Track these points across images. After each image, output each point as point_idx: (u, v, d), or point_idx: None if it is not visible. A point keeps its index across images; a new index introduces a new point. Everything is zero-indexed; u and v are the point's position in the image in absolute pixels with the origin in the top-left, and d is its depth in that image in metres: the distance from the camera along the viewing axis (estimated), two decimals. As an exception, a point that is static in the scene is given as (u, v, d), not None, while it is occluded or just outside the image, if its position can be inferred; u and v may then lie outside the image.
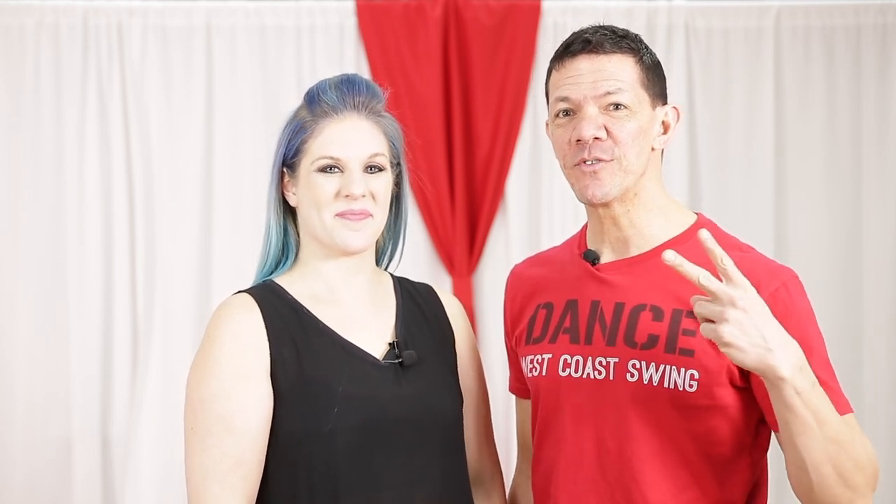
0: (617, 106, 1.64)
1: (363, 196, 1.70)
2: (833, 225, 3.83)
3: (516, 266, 1.92)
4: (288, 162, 1.75)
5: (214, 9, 3.74)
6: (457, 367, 1.82)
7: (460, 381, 1.81)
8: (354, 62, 3.74)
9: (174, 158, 3.73)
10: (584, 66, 1.64)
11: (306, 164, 1.72)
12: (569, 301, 1.72)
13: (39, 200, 3.69)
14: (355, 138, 1.72)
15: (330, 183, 1.70)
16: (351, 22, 3.78)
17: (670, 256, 1.42)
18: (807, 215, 3.83)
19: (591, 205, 1.69)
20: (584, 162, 1.64)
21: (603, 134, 1.63)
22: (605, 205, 1.68)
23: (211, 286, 3.68)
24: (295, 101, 1.82)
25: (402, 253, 1.86)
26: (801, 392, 1.45)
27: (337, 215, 1.70)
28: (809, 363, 1.50)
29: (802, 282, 1.64)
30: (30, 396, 3.67)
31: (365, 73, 3.73)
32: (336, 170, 1.71)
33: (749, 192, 3.81)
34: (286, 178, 1.76)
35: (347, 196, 1.69)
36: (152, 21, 3.71)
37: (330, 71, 3.11)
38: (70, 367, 3.67)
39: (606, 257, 1.72)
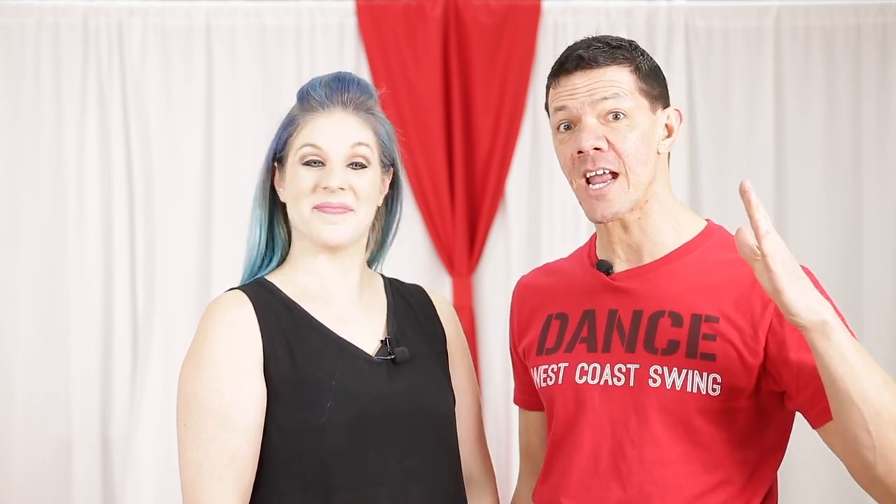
0: (616, 115, 1.63)
1: (341, 189, 1.69)
2: (833, 225, 3.83)
3: (523, 277, 1.90)
4: (278, 157, 1.75)
5: (214, 9, 3.74)
6: (448, 367, 1.82)
7: (452, 382, 1.80)
8: (354, 62, 3.74)
9: (174, 158, 3.73)
10: (580, 81, 1.64)
11: (292, 158, 1.72)
12: (585, 311, 1.72)
13: (39, 200, 3.69)
14: (339, 130, 1.71)
15: (310, 175, 1.70)
16: (351, 22, 3.77)
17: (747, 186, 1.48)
18: (807, 215, 3.83)
19: (600, 223, 1.68)
20: (588, 181, 1.64)
21: (604, 144, 1.63)
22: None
23: (211, 286, 3.67)
24: (294, 101, 1.82)
25: (387, 253, 1.85)
26: (846, 341, 1.44)
27: (315, 208, 1.70)
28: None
29: None
30: (29, 396, 3.67)
31: (365, 73, 3.73)
32: (319, 163, 1.70)
33: (749, 192, 3.81)
34: (277, 174, 1.77)
35: (325, 188, 1.69)
36: (152, 21, 3.71)
37: (330, 71, 3.11)
38: (70, 366, 3.67)
39: (619, 266, 1.71)
